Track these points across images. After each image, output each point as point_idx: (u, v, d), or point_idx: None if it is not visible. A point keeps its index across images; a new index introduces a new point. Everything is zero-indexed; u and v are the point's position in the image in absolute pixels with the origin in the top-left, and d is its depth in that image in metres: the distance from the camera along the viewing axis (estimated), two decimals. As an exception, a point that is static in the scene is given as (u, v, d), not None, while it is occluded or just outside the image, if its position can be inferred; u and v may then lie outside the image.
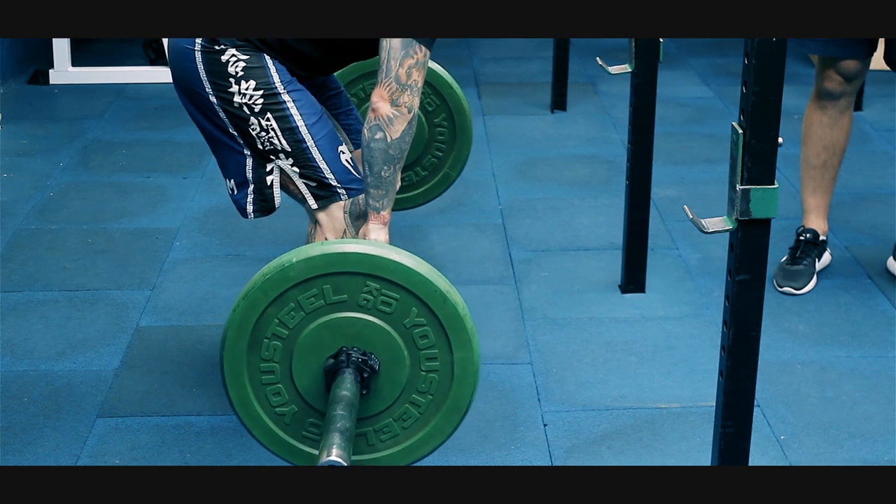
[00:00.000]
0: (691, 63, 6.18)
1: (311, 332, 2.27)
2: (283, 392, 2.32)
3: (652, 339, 3.35)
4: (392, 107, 2.57)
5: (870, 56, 3.51)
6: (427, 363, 2.30)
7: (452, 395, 2.31)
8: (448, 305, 2.25)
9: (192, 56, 2.65)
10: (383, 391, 2.32)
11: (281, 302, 2.25)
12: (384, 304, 2.26)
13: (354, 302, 2.26)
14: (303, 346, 2.28)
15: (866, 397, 3.07)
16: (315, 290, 2.24)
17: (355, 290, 2.24)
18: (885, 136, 4.98)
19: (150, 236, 4.03)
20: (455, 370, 2.29)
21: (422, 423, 2.34)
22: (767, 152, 2.06)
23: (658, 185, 4.08)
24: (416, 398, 2.33)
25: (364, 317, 2.27)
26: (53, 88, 5.68)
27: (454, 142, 3.53)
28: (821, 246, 3.69)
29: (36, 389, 3.09)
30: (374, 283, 2.24)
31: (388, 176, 2.62)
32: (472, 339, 2.28)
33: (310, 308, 2.26)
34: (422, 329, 2.27)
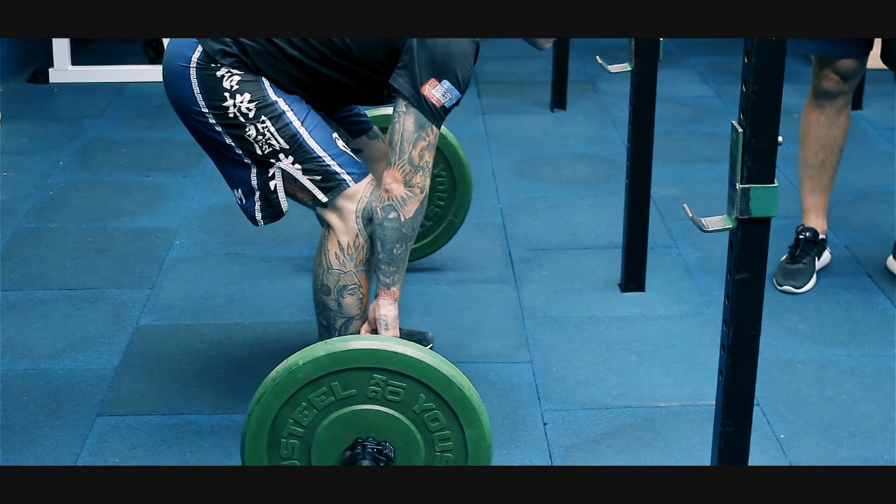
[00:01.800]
0: (691, 62, 6.18)
1: (326, 427, 2.34)
2: None
3: (652, 338, 3.35)
4: (405, 188, 2.64)
5: (866, 55, 3.51)
6: (440, 444, 2.37)
7: None
8: (454, 389, 2.33)
9: (187, 73, 2.66)
10: None
11: (293, 403, 2.32)
12: (392, 393, 2.32)
13: (363, 394, 2.33)
14: (319, 442, 2.36)
15: (866, 396, 3.07)
16: (324, 388, 2.32)
17: (363, 383, 2.32)
18: (885, 134, 4.98)
19: (149, 235, 4.03)
20: (468, 448, 2.37)
21: None
22: (767, 151, 2.07)
23: (658, 184, 4.08)
24: None
25: (374, 408, 2.34)
26: (53, 87, 5.68)
27: (455, 190, 3.55)
28: (820, 245, 3.69)
29: (36, 388, 3.09)
30: (380, 376, 2.31)
31: (400, 254, 2.69)
32: (480, 416, 2.35)
33: (321, 405, 2.33)
34: (431, 413, 2.34)
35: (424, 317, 3.44)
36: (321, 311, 2.79)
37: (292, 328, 3.38)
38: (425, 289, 3.60)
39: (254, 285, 3.65)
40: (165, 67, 2.73)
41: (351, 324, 2.78)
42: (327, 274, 2.73)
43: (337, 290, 2.73)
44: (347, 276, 2.71)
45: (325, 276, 2.74)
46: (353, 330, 2.80)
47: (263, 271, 3.75)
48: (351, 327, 2.78)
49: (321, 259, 2.74)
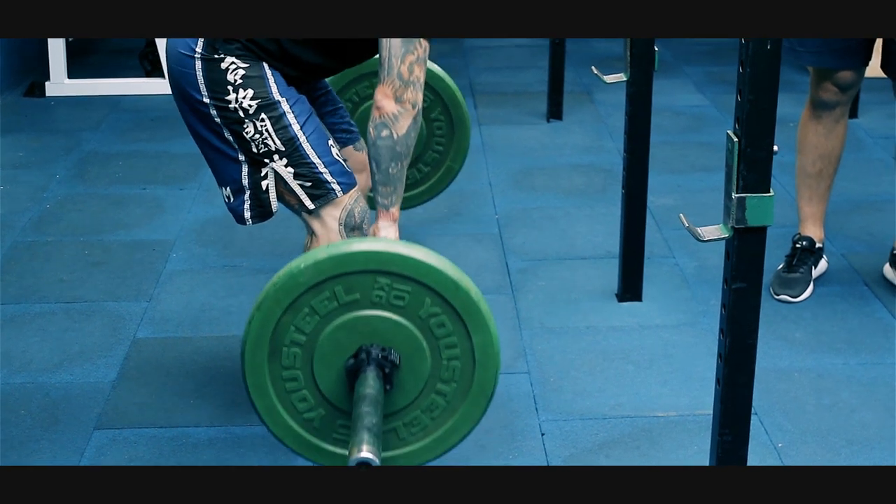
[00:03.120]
0: (687, 71, 6.19)
1: (329, 334, 2.27)
2: (308, 398, 2.32)
3: (649, 348, 3.35)
4: (396, 104, 2.57)
5: (865, 65, 3.51)
6: (447, 351, 2.29)
7: (477, 381, 2.31)
8: (461, 292, 2.25)
9: (192, 63, 2.65)
10: (407, 385, 2.31)
11: (295, 309, 2.25)
12: (397, 298, 2.25)
13: (367, 299, 2.25)
14: (322, 350, 2.28)
15: (863, 405, 3.07)
16: (327, 293, 2.24)
17: (367, 287, 2.24)
18: (881, 143, 4.99)
19: (146, 248, 4.03)
20: (476, 355, 2.29)
21: (450, 412, 2.34)
22: (763, 160, 2.07)
23: (654, 194, 4.08)
24: (440, 387, 2.32)
25: (379, 313, 2.26)
26: (50, 100, 5.68)
27: (453, 134, 3.51)
28: (817, 253, 3.69)
29: (33, 401, 3.09)
30: (384, 279, 2.23)
31: (396, 173, 2.63)
32: (488, 322, 2.28)
33: (324, 311, 2.25)
34: (438, 318, 2.26)
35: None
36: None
37: (290, 340, 3.38)
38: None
39: (251, 297, 3.64)
40: (169, 55, 2.71)
41: None
42: None
43: None
44: None
45: None
46: None
47: (260, 283, 3.72)
48: None
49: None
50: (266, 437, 2.93)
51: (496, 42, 6.81)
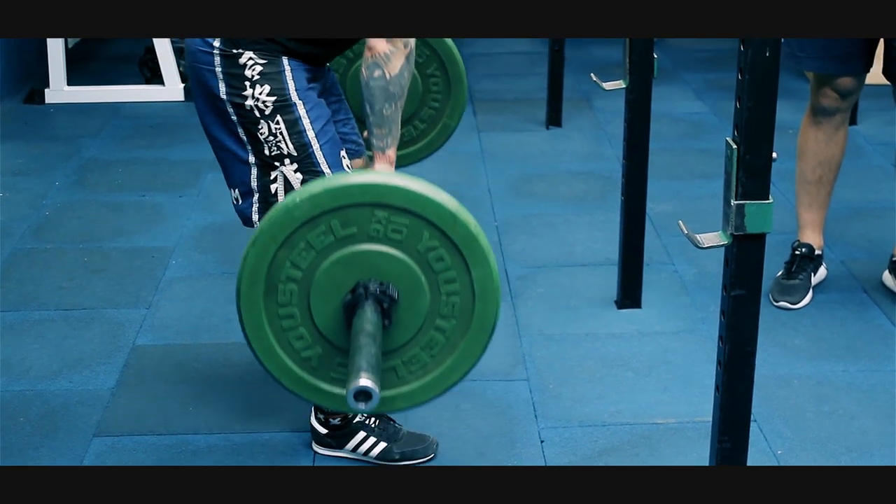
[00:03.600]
0: (686, 78, 6.19)
1: (326, 270, 2.21)
2: (305, 336, 2.27)
3: (648, 355, 3.35)
4: (388, 43, 2.55)
5: (866, 72, 3.51)
6: (446, 286, 2.24)
7: (476, 316, 2.25)
8: (459, 225, 2.20)
9: (211, 59, 2.62)
10: (406, 321, 2.25)
11: (290, 244, 2.20)
12: (395, 231, 2.20)
13: (365, 233, 2.20)
14: (319, 286, 2.23)
15: (863, 411, 3.07)
16: (323, 227, 2.19)
17: (364, 221, 2.19)
18: (880, 150, 4.99)
19: (146, 255, 4.03)
20: (475, 289, 2.23)
21: (449, 349, 2.28)
22: (762, 167, 2.07)
23: (653, 201, 4.08)
24: (440, 324, 2.27)
25: (376, 247, 2.21)
26: (49, 108, 5.69)
27: (449, 91, 3.46)
28: (816, 260, 3.69)
29: (32, 409, 3.09)
30: (381, 212, 2.18)
31: (390, 114, 2.60)
32: (487, 255, 2.22)
33: (321, 246, 2.20)
34: (436, 252, 2.21)
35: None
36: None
37: (289, 347, 3.38)
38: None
39: (250, 304, 3.64)
40: (188, 51, 2.67)
41: None
42: None
43: None
44: None
45: None
46: None
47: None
48: None
49: None
50: (265, 445, 2.93)
51: (495, 49, 6.82)
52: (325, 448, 2.89)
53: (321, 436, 2.88)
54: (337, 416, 2.85)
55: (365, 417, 2.87)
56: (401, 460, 2.86)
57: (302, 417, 2.99)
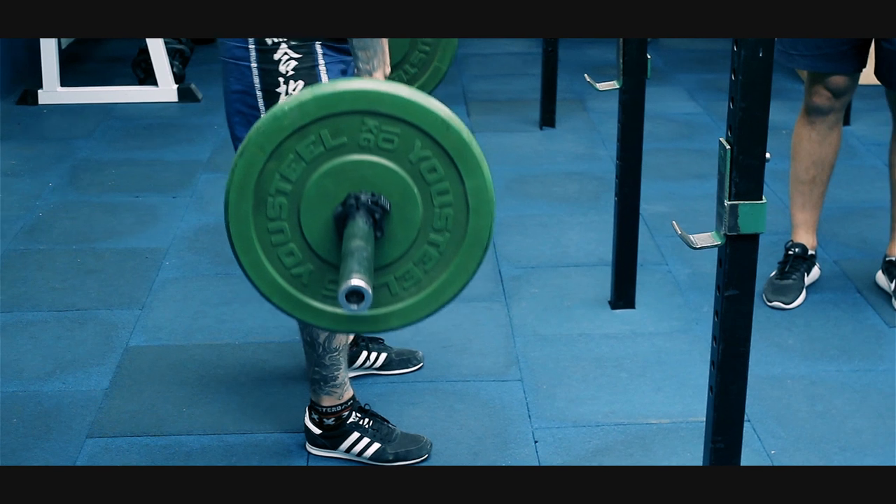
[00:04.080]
0: (679, 79, 6.19)
1: (316, 182, 2.16)
2: (295, 251, 2.21)
3: (642, 355, 3.35)
4: None
5: (859, 71, 3.51)
6: (439, 198, 2.18)
7: (471, 229, 2.20)
8: (451, 133, 2.15)
9: (246, 55, 2.59)
10: (398, 235, 2.20)
11: (279, 155, 2.14)
12: (386, 140, 2.15)
13: (355, 143, 2.15)
14: (309, 199, 2.17)
15: (856, 411, 3.07)
16: (313, 137, 2.14)
17: (354, 130, 2.14)
18: (874, 150, 4.99)
19: (139, 256, 4.02)
20: (469, 201, 2.18)
21: (443, 264, 2.22)
22: (755, 168, 2.07)
23: (647, 201, 4.09)
24: (433, 238, 2.21)
25: (367, 157, 2.15)
26: (42, 108, 5.68)
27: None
28: (810, 260, 3.70)
29: (25, 410, 3.08)
30: (372, 121, 2.13)
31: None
32: (481, 164, 2.18)
33: (310, 157, 2.15)
34: (429, 162, 2.16)
35: (414, 335, 3.44)
36: (304, 326, 2.78)
37: (283, 348, 3.38)
38: (415, 307, 3.59)
39: (244, 305, 3.64)
40: (222, 48, 2.64)
41: (335, 336, 2.76)
42: None
43: None
44: None
45: None
46: (337, 343, 2.78)
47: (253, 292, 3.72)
48: (335, 340, 2.77)
49: None
50: (259, 446, 2.93)
51: (489, 50, 6.82)
52: (319, 448, 2.88)
53: (315, 436, 2.88)
54: (331, 417, 2.85)
55: (359, 418, 2.87)
56: (395, 461, 2.86)
57: (296, 418, 2.99)
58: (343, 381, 2.84)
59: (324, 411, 2.84)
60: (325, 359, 2.78)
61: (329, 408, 2.84)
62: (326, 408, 2.84)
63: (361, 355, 3.21)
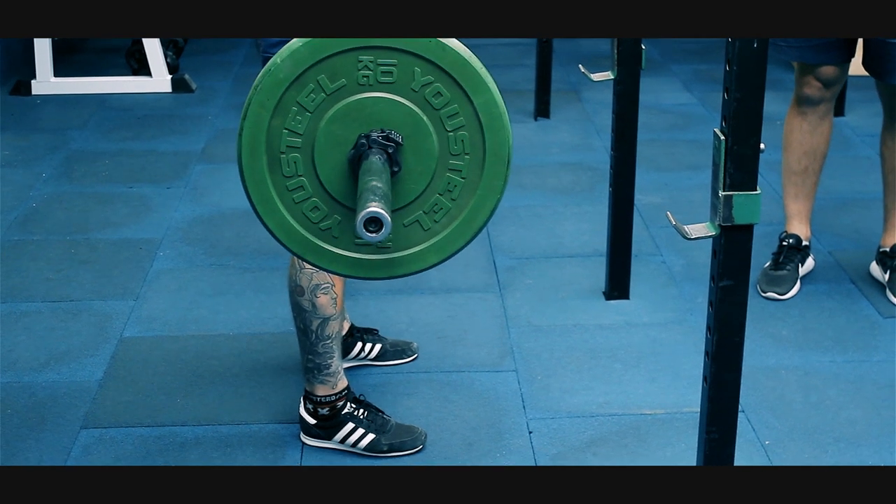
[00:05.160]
0: (674, 70, 6.19)
1: (324, 130, 2.12)
2: (320, 205, 2.17)
3: (636, 346, 3.35)
4: None
5: (848, 61, 3.52)
6: (450, 122, 2.14)
7: (489, 147, 2.15)
8: (448, 52, 2.11)
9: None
10: (418, 167, 2.16)
11: (282, 110, 2.11)
12: (385, 74, 2.11)
13: (354, 83, 2.11)
14: (322, 149, 2.13)
15: (850, 402, 3.08)
16: (311, 85, 2.11)
17: (351, 70, 2.10)
18: (868, 140, 5.00)
19: (133, 246, 4.02)
20: (481, 119, 2.14)
21: (470, 189, 2.18)
22: (749, 158, 2.07)
23: (641, 192, 4.08)
24: (453, 164, 2.17)
25: (370, 95, 2.12)
26: (35, 99, 5.67)
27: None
28: (804, 251, 3.70)
29: (19, 401, 3.08)
30: (366, 56, 2.09)
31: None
32: (486, 80, 2.14)
33: (313, 106, 2.12)
34: (432, 87, 2.12)
35: (409, 326, 3.44)
36: (297, 313, 2.78)
37: (277, 339, 3.38)
38: (409, 298, 3.60)
39: (238, 296, 3.64)
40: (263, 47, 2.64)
41: (328, 324, 2.77)
42: (300, 274, 2.73)
43: (310, 290, 2.72)
44: (320, 275, 2.71)
45: (298, 277, 2.73)
46: (330, 330, 2.78)
47: (248, 282, 3.74)
48: (328, 328, 2.77)
49: (294, 260, 2.73)
50: (253, 437, 2.93)
51: (483, 41, 6.81)
52: (314, 439, 2.88)
53: (309, 426, 2.88)
54: (325, 406, 2.85)
55: (354, 408, 2.87)
56: (389, 452, 2.86)
57: (290, 409, 2.99)
58: (337, 370, 2.84)
59: (318, 401, 2.84)
60: (317, 346, 2.78)
61: (323, 397, 2.84)
62: (321, 397, 2.84)
63: (356, 346, 3.21)
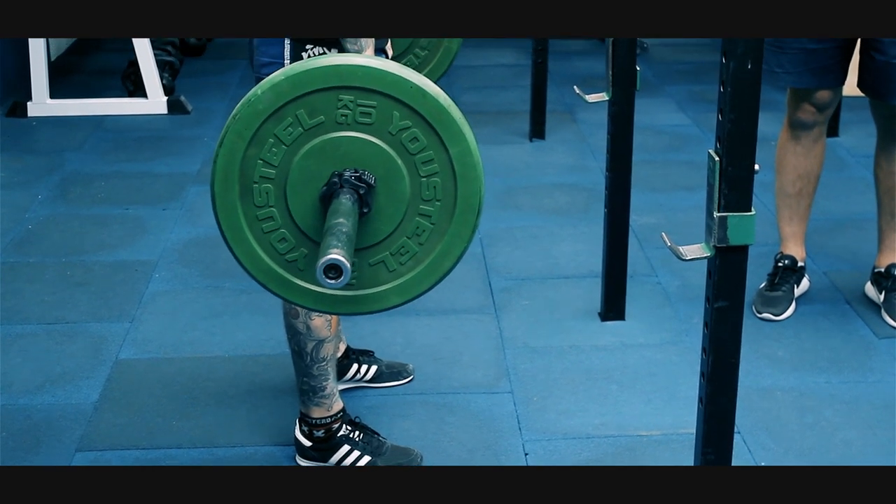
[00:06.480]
0: (668, 91, 6.21)
1: (298, 164, 2.14)
2: (287, 237, 2.19)
3: (632, 367, 3.35)
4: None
5: (841, 85, 3.52)
6: (424, 167, 2.16)
7: (461, 196, 2.17)
8: (428, 99, 2.13)
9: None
10: (388, 209, 2.18)
11: (259, 140, 2.13)
12: (363, 115, 2.13)
13: (332, 121, 2.13)
14: (294, 182, 2.15)
15: (846, 423, 3.07)
16: (290, 119, 2.12)
17: (330, 107, 2.12)
18: (862, 161, 5.00)
19: (129, 268, 4.02)
20: (455, 167, 2.15)
21: (438, 235, 2.20)
22: (744, 179, 2.07)
23: (637, 213, 4.09)
24: (424, 209, 2.18)
25: (347, 134, 2.13)
26: (32, 121, 5.67)
27: None
28: (799, 272, 3.70)
29: (14, 423, 3.08)
30: (347, 96, 2.11)
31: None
32: (463, 129, 2.15)
33: (290, 139, 2.13)
34: (409, 132, 2.13)
35: (405, 348, 3.44)
36: (292, 336, 2.78)
37: (273, 361, 3.37)
38: (405, 319, 3.59)
39: (234, 318, 3.64)
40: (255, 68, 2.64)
41: (322, 346, 2.76)
42: None
43: (305, 313, 2.71)
44: None
45: None
46: (325, 353, 2.78)
47: (244, 304, 3.74)
48: (322, 350, 2.77)
49: None
50: (249, 459, 2.92)
51: (479, 61, 6.83)
52: (309, 461, 2.88)
53: (305, 448, 2.87)
54: (321, 429, 2.84)
55: (349, 431, 2.87)
56: None
57: (286, 431, 2.99)
58: (332, 392, 2.84)
59: (313, 423, 2.84)
60: (312, 369, 2.78)
61: (319, 419, 2.84)
62: (316, 419, 2.84)
63: (352, 368, 3.20)
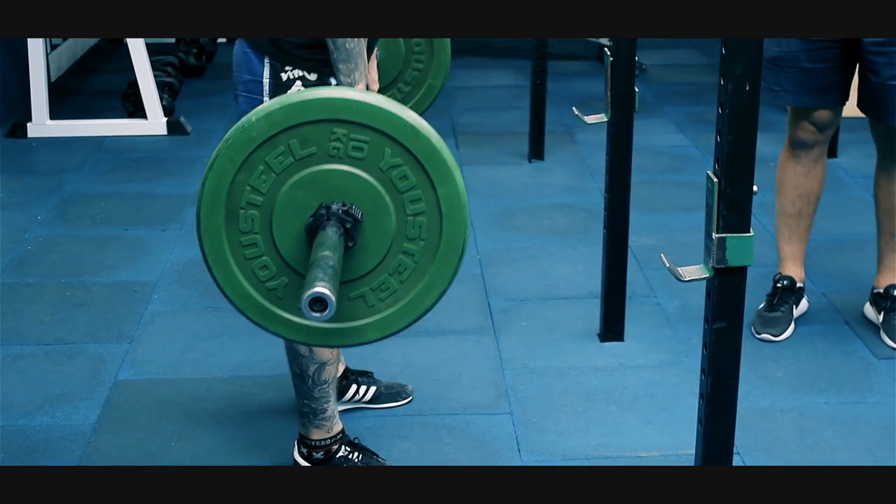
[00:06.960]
0: (667, 111, 6.22)
1: (286, 193, 2.15)
2: (269, 265, 2.20)
3: (631, 388, 3.35)
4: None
5: (842, 105, 3.53)
6: (412, 206, 2.17)
7: (445, 236, 2.19)
8: (421, 139, 2.13)
9: (260, 90, 2.59)
10: (372, 245, 2.19)
11: (249, 166, 2.13)
12: (355, 149, 2.13)
13: (324, 153, 2.14)
14: (281, 211, 2.16)
15: (846, 444, 3.07)
16: (282, 148, 2.13)
17: (323, 139, 2.13)
18: (861, 182, 5.01)
19: (128, 289, 4.02)
20: (442, 208, 2.17)
21: (419, 273, 2.21)
22: (743, 200, 2.08)
23: (636, 234, 4.09)
24: (407, 247, 2.20)
25: (337, 167, 2.14)
26: (31, 142, 5.68)
27: (432, 51, 3.40)
28: (798, 292, 3.70)
29: (13, 444, 3.07)
30: (340, 129, 2.12)
31: (353, 47, 2.54)
32: (452, 171, 2.17)
33: (280, 168, 2.14)
34: (399, 170, 2.14)
35: (403, 369, 3.44)
36: (293, 358, 2.78)
37: (272, 382, 3.37)
38: (404, 341, 3.59)
39: (233, 339, 3.64)
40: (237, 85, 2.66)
41: (325, 369, 2.76)
42: None
43: None
44: None
45: None
46: (327, 375, 2.77)
47: (243, 325, 3.71)
48: (324, 373, 2.77)
49: None
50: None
51: (477, 83, 6.84)
52: (308, 483, 2.87)
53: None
54: (320, 451, 2.84)
55: (348, 452, 2.87)
56: None
57: (285, 452, 2.98)
58: (332, 414, 2.83)
59: (313, 445, 2.84)
60: (314, 391, 2.78)
61: (318, 441, 2.83)
62: (316, 441, 2.83)
63: (351, 388, 3.20)
